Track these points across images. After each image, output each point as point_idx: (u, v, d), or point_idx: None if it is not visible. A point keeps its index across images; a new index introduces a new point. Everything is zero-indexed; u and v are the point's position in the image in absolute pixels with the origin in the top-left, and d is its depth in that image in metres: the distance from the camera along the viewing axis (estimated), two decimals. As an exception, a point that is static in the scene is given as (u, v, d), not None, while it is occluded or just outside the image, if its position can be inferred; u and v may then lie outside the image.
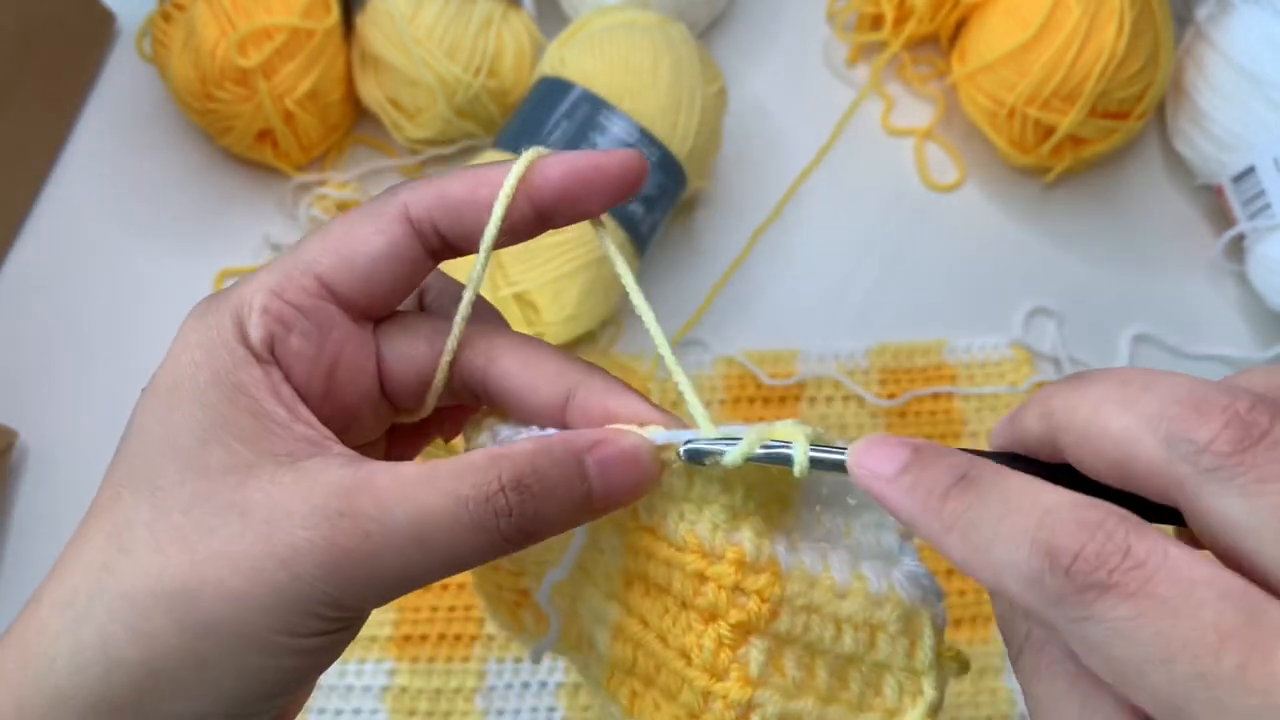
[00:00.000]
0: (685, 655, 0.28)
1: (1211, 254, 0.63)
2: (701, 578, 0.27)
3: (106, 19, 0.69)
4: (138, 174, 0.67)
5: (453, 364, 0.29)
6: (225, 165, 0.66)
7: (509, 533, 0.25)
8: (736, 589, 0.27)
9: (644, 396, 0.29)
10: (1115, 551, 0.20)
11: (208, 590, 0.24)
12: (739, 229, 0.64)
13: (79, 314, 0.63)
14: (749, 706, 0.27)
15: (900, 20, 0.66)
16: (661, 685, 0.29)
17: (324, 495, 0.25)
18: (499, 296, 0.55)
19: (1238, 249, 0.62)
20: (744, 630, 0.27)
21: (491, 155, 0.58)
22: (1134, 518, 0.21)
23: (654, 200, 0.57)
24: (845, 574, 0.27)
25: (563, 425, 0.29)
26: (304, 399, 0.27)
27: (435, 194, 0.28)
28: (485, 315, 0.31)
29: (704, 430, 0.27)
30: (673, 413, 0.29)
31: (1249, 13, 0.60)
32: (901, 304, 0.63)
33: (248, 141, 0.63)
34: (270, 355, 0.27)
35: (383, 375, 0.29)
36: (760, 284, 0.63)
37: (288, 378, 0.27)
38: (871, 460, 0.25)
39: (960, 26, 0.65)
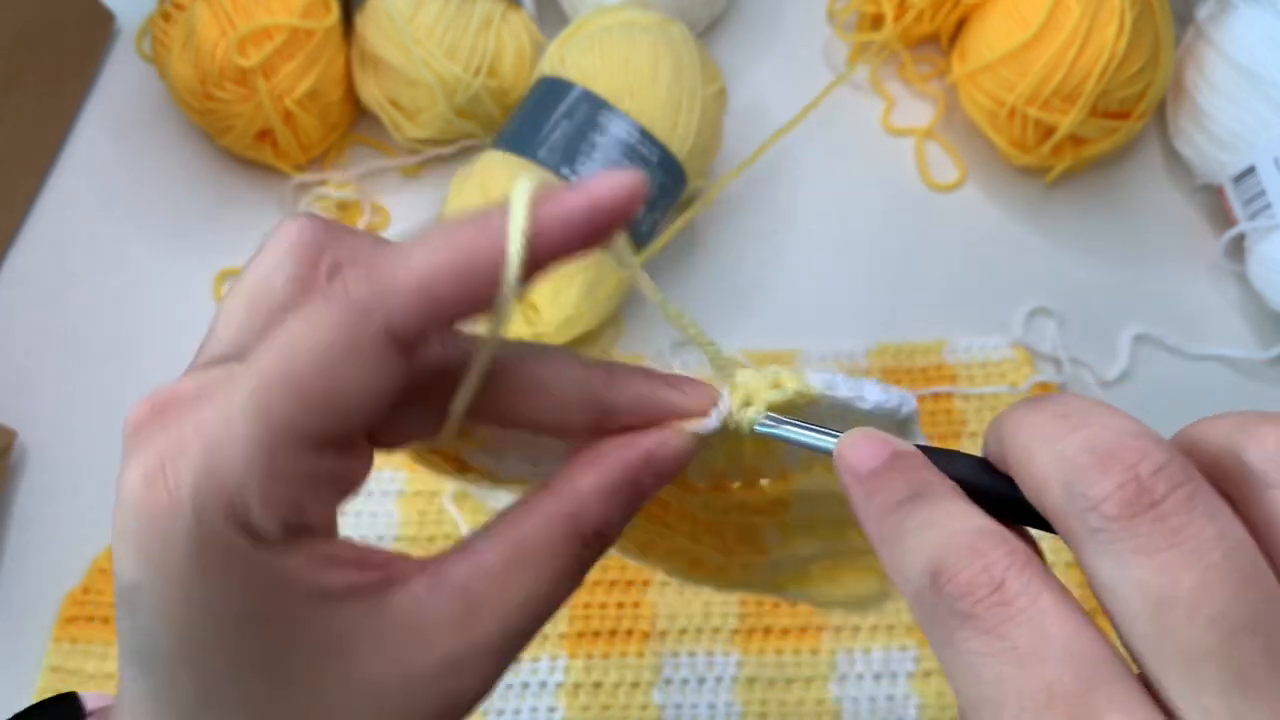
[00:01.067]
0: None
1: (1212, 254, 0.63)
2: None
3: (106, 18, 0.69)
4: (137, 174, 0.67)
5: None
6: (225, 165, 0.66)
7: (590, 566, 0.26)
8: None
9: (668, 380, 0.27)
10: (986, 584, 0.20)
11: None
12: (739, 228, 0.64)
13: (78, 314, 0.63)
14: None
15: (900, 20, 0.66)
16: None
17: (446, 643, 0.24)
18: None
19: (1238, 249, 0.62)
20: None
21: (491, 155, 0.58)
22: (1030, 555, 0.21)
23: (654, 200, 0.57)
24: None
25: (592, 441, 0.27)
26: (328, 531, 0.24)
27: (420, 301, 0.22)
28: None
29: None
30: (695, 378, 0.28)
31: (1250, 12, 0.60)
32: (901, 304, 0.63)
33: (247, 141, 0.63)
34: (290, 535, 0.23)
35: (384, 440, 0.26)
36: (759, 283, 0.63)
37: (311, 536, 0.23)
38: (853, 455, 0.25)
39: (960, 26, 0.65)
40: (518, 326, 0.56)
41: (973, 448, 0.59)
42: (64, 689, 0.54)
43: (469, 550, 0.25)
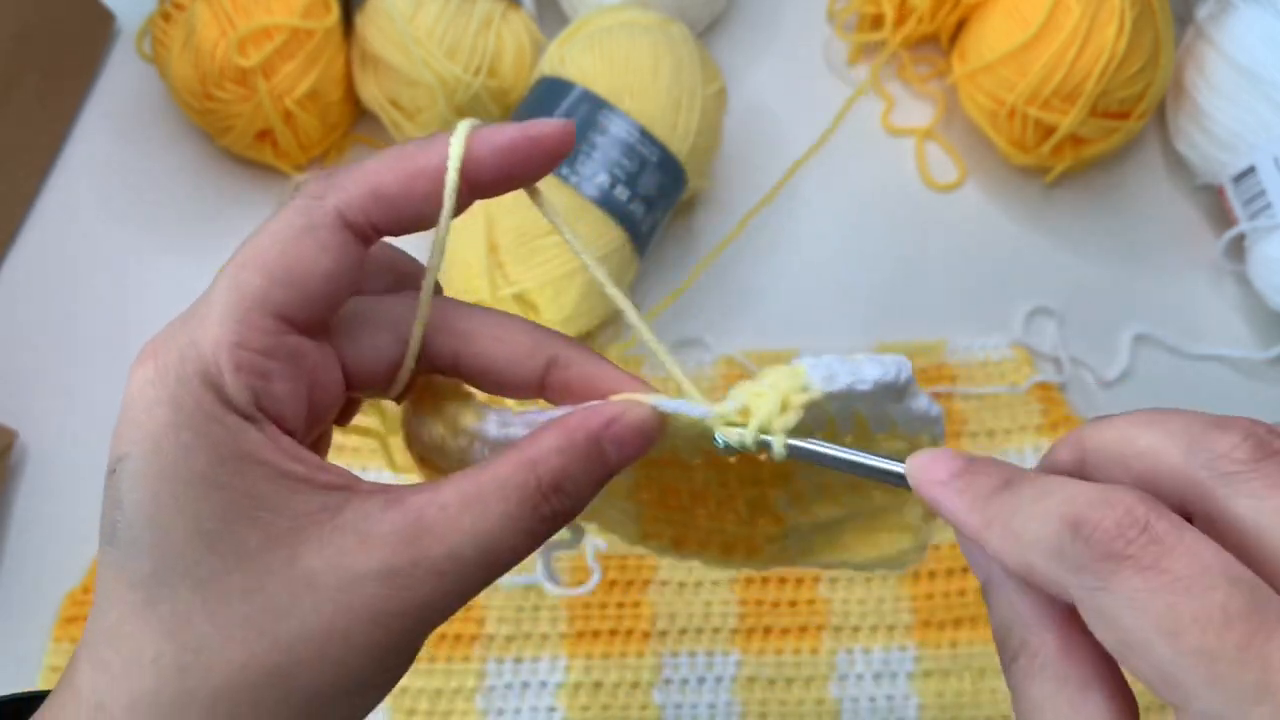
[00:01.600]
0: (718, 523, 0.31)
1: (1212, 254, 0.63)
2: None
3: (106, 18, 0.69)
4: (137, 173, 0.67)
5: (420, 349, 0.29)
6: (225, 165, 0.66)
7: (552, 527, 0.27)
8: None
9: (614, 364, 0.30)
10: (1134, 525, 0.22)
11: (303, 668, 0.25)
12: (737, 225, 0.64)
13: (78, 313, 0.63)
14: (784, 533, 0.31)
15: (900, 20, 0.66)
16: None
17: (388, 550, 0.25)
18: (499, 296, 0.55)
19: (1238, 249, 0.62)
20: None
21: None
22: (1157, 501, 0.22)
23: (654, 200, 0.57)
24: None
25: (540, 396, 0.30)
26: (291, 431, 0.27)
27: (368, 193, 0.26)
28: (440, 297, 0.30)
29: (699, 406, 0.29)
30: (641, 377, 0.30)
31: (1249, 12, 0.60)
32: (902, 303, 0.63)
33: (247, 141, 0.63)
34: (258, 411, 0.25)
35: (347, 373, 0.29)
36: (761, 283, 0.63)
37: (279, 425, 0.26)
38: (930, 469, 0.26)
39: (960, 26, 0.65)
40: None
41: (973, 447, 0.59)
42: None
43: (430, 487, 0.26)
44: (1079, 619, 0.23)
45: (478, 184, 0.27)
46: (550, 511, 0.27)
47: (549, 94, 0.58)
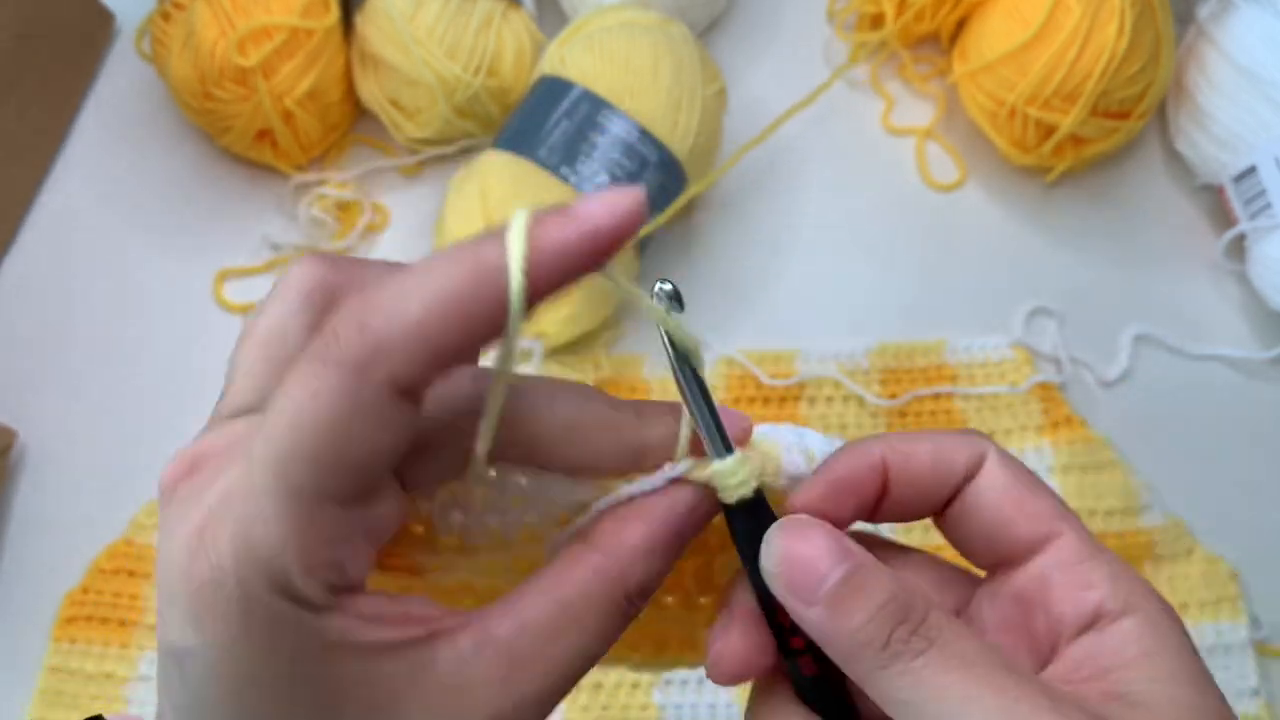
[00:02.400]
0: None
1: (1212, 254, 0.63)
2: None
3: (105, 18, 0.69)
4: (137, 173, 0.67)
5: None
6: (224, 165, 0.66)
7: (630, 623, 0.26)
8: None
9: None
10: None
11: None
12: (739, 228, 0.64)
13: (78, 313, 0.63)
14: None
15: (900, 19, 0.66)
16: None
17: (489, 700, 0.24)
18: None
19: (1239, 249, 0.62)
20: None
21: (490, 155, 0.58)
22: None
23: (653, 201, 0.57)
24: None
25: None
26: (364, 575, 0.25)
27: (422, 351, 0.22)
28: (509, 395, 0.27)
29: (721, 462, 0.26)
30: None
31: (1250, 12, 0.60)
32: (901, 304, 0.63)
33: (247, 141, 0.63)
34: (332, 596, 0.23)
35: (403, 484, 0.25)
36: (761, 283, 0.63)
37: (353, 589, 0.24)
38: (799, 569, 0.25)
39: (961, 26, 0.65)
40: None
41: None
42: (64, 689, 0.54)
43: (513, 606, 0.24)
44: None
45: (544, 293, 0.23)
46: (635, 612, 0.26)
47: (549, 94, 0.58)
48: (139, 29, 0.69)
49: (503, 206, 0.55)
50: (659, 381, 0.60)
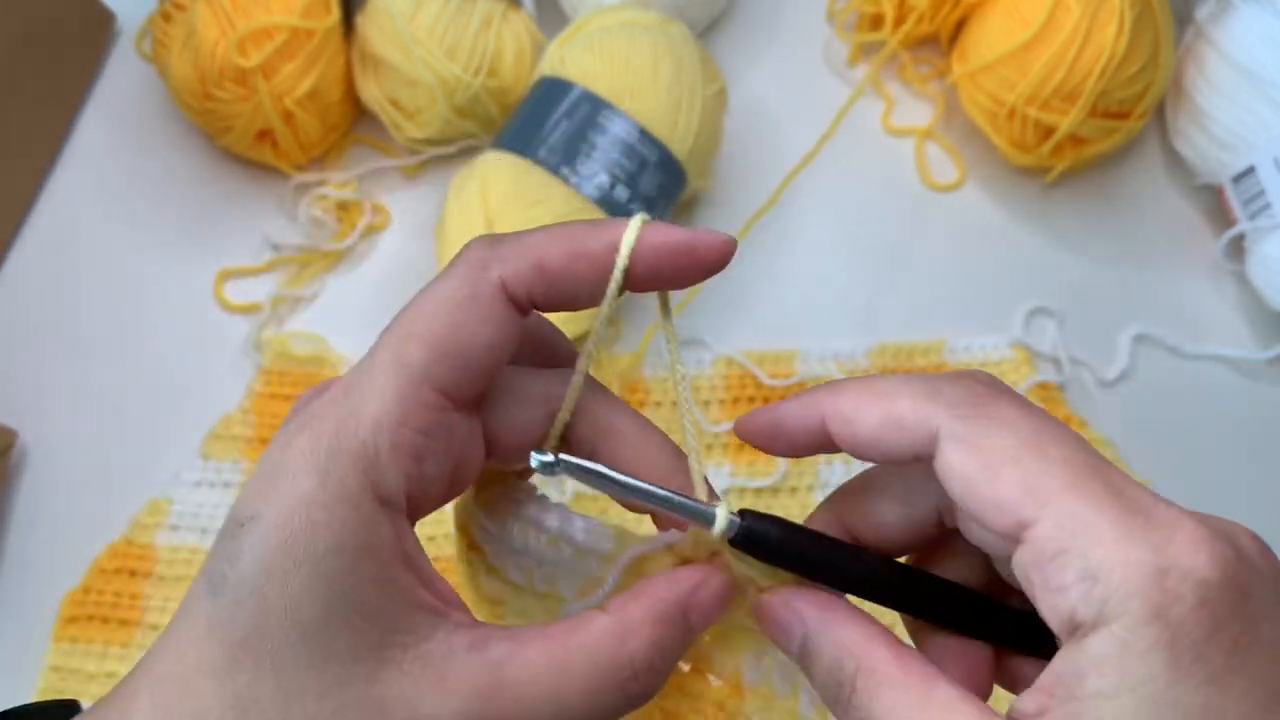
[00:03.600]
0: None
1: (1212, 254, 0.63)
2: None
3: (106, 19, 0.69)
4: (137, 173, 0.67)
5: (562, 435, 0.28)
6: (225, 165, 0.66)
7: (634, 706, 0.26)
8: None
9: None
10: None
11: None
12: (738, 228, 0.64)
13: (78, 313, 0.63)
14: None
15: (900, 20, 0.66)
16: None
17: (463, 698, 0.24)
18: None
19: (1238, 249, 0.62)
20: None
21: (490, 155, 0.58)
22: None
23: (653, 200, 0.57)
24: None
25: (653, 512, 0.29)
26: (424, 511, 0.27)
27: (533, 267, 0.26)
28: (590, 382, 0.29)
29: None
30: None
31: (1249, 12, 0.60)
32: (901, 304, 0.63)
33: (247, 141, 0.63)
34: (403, 502, 0.25)
35: (488, 444, 0.28)
36: (761, 283, 0.63)
37: (415, 512, 0.26)
38: (778, 629, 0.27)
39: (960, 26, 0.65)
40: None
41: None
42: (64, 689, 0.54)
43: (518, 634, 0.25)
44: (899, 636, 0.25)
45: (636, 278, 0.27)
46: (639, 691, 0.26)
47: (549, 94, 0.58)
48: (140, 29, 0.69)
49: (503, 206, 0.55)
50: (657, 381, 0.60)
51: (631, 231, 0.27)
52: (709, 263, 0.27)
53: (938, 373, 0.28)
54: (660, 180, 0.57)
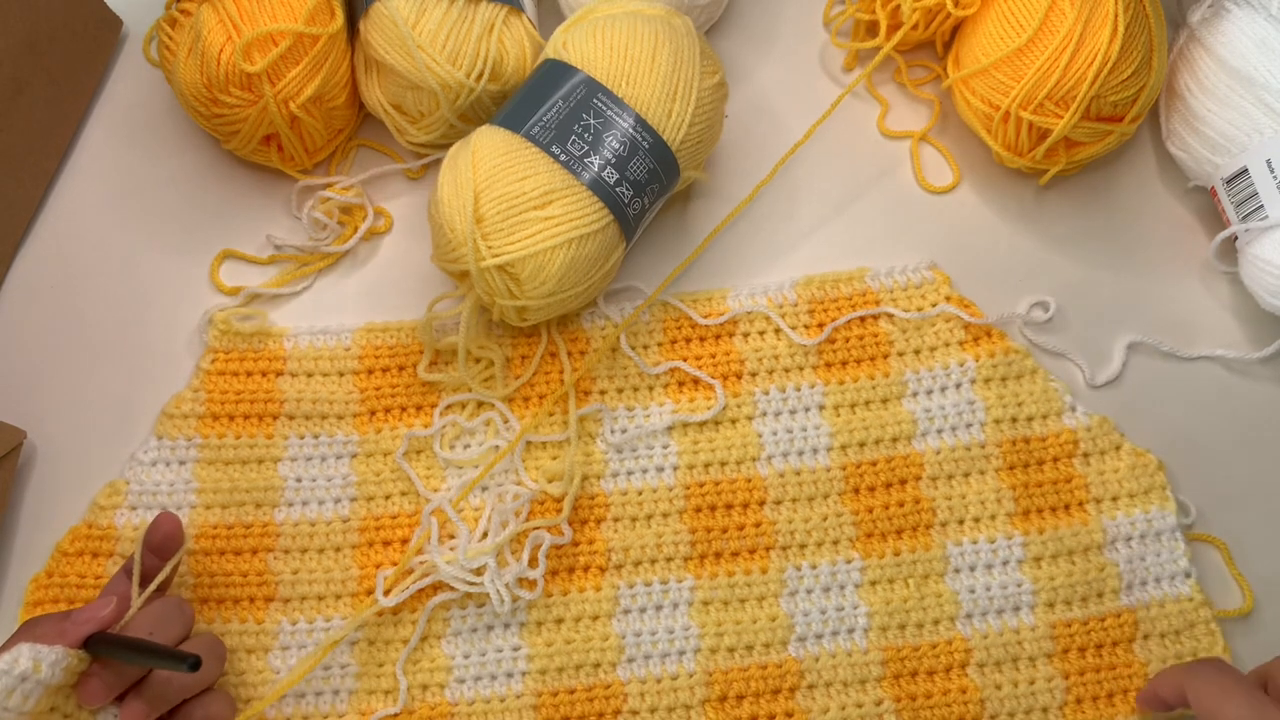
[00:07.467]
0: None
1: (1205, 256, 0.64)
2: None
3: (113, 24, 0.70)
4: (144, 177, 0.67)
5: None
6: (230, 169, 0.67)
7: None
8: None
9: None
10: None
11: None
12: (736, 229, 0.65)
13: (85, 315, 0.64)
14: None
15: (894, 27, 0.66)
16: None
17: None
18: (481, 267, 0.56)
19: (1231, 250, 0.63)
20: None
21: (485, 129, 0.58)
22: None
23: (642, 185, 0.58)
24: None
25: None
26: None
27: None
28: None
29: None
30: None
31: (1241, 15, 0.61)
32: (898, 305, 0.63)
33: (253, 145, 0.63)
34: None
35: None
36: (758, 281, 0.64)
37: None
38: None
39: (955, 31, 0.66)
40: (501, 298, 0.57)
41: (900, 366, 0.61)
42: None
43: None
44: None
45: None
46: None
47: (549, 76, 0.59)
48: (146, 35, 0.70)
49: (492, 178, 0.56)
50: (597, 329, 0.62)
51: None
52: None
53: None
54: (651, 166, 0.57)
